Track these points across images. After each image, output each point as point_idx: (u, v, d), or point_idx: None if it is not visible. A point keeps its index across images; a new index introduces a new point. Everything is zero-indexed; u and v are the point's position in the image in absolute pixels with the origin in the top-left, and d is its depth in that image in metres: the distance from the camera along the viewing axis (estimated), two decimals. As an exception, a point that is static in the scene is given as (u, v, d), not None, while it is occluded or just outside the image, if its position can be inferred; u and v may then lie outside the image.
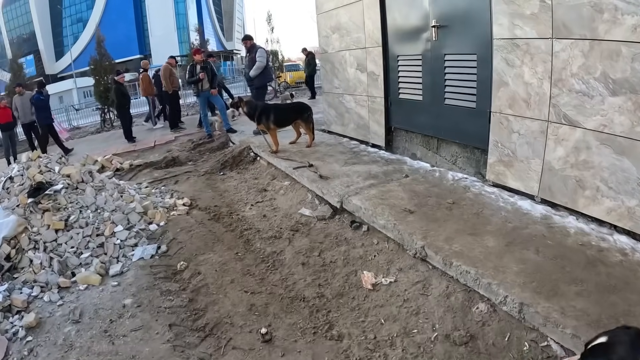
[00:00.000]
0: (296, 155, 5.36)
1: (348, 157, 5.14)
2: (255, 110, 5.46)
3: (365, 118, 5.63)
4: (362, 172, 4.46)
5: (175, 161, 6.87)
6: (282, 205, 4.37)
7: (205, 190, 5.20)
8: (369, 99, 5.44)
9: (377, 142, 5.49)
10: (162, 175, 6.06)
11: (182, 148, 7.75)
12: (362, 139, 5.84)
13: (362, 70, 5.46)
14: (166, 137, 8.90)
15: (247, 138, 6.87)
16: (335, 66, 6.05)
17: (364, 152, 5.33)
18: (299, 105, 5.74)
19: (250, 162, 5.93)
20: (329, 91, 6.40)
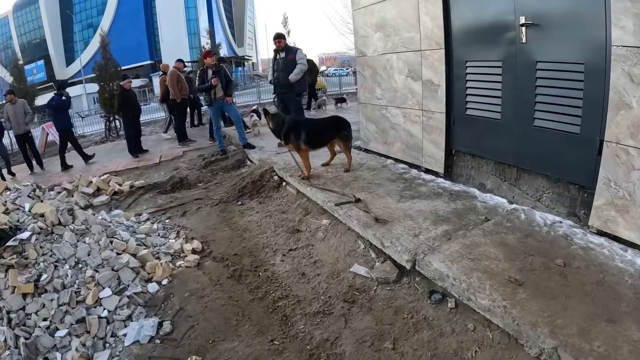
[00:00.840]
0: (334, 183, 4.30)
1: (401, 187, 4.07)
2: (282, 126, 4.41)
3: (417, 137, 4.56)
4: (427, 212, 3.40)
5: (183, 183, 5.84)
6: (324, 256, 3.29)
7: (220, 227, 4.14)
8: (424, 114, 4.37)
9: (433, 167, 4.43)
10: (167, 203, 5.02)
11: (192, 166, 6.73)
12: (411, 161, 4.76)
13: (414, 78, 4.39)
14: (173, 151, 7.88)
15: (269, 156, 5.81)
16: (377, 72, 4.99)
17: (418, 180, 4.25)
18: (337, 121, 4.69)
19: (274, 189, 4.87)
20: (367, 102, 5.34)
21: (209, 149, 7.72)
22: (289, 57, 5.95)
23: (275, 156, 5.76)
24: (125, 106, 8.04)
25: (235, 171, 6.15)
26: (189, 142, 8.42)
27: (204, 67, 6.83)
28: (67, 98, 8.42)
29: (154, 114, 14.74)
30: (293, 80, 5.89)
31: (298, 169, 4.79)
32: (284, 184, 4.87)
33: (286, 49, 6.01)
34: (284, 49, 6.01)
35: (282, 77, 5.98)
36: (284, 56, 5.99)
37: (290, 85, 5.93)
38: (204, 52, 7.04)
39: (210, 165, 6.59)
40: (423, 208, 3.49)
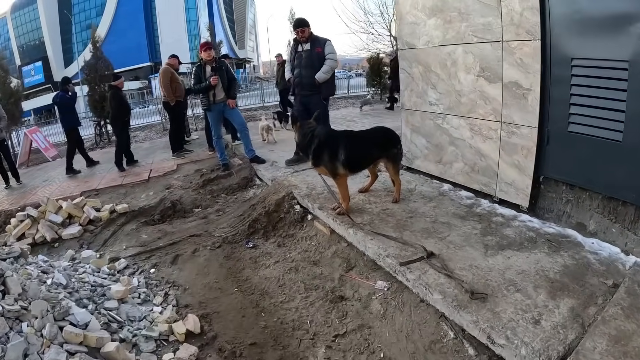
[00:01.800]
0: (384, 222, 3.11)
1: (478, 228, 2.92)
2: (310, 140, 3.17)
3: (490, 157, 3.39)
4: (532, 273, 2.34)
5: (175, 209, 4.63)
6: (392, 351, 2.11)
7: (226, 286, 2.94)
8: (504, 128, 3.22)
9: (511, 198, 3.29)
10: (153, 240, 3.82)
11: (187, 184, 5.51)
12: (478, 188, 3.59)
13: (490, 79, 3.23)
14: (166, 164, 6.66)
15: (284, 175, 4.61)
16: (430, 70, 3.80)
17: (497, 218, 3.11)
18: (384, 133, 3.50)
19: (297, 224, 3.67)
20: (414, 108, 4.14)
21: (208, 161, 6.50)
22: (315, 50, 4.64)
23: (293, 175, 4.56)
24: (121, 110, 6.89)
25: (242, 193, 4.94)
26: (185, 153, 7.20)
27: (200, 62, 5.54)
28: (73, 94, 7.48)
29: (151, 118, 13.48)
30: (321, 79, 4.62)
31: (329, 198, 3.60)
32: (309, 217, 3.66)
33: (312, 40, 4.68)
34: (308, 39, 4.71)
35: (307, 75, 4.67)
36: (309, 48, 4.68)
37: (316, 85, 4.67)
38: (201, 44, 5.65)
39: (210, 183, 5.37)
40: (524, 266, 2.41)
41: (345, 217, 3.19)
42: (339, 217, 3.23)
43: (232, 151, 6.94)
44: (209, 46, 5.51)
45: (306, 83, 4.71)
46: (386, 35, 14.66)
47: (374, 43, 14.84)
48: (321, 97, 4.76)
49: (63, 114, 7.36)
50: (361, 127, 8.08)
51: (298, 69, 4.78)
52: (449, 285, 2.25)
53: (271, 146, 6.58)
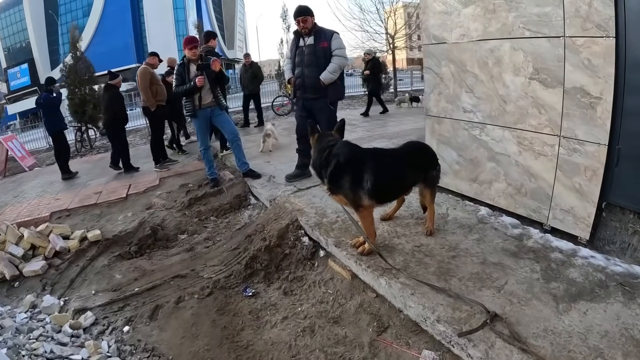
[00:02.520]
0: (422, 264, 2.46)
1: (537, 270, 2.35)
2: (327, 160, 2.42)
3: (542, 177, 2.78)
4: (616, 335, 1.82)
5: (156, 236, 3.90)
6: None
7: (222, 357, 2.24)
8: (564, 143, 2.62)
9: (568, 227, 2.72)
10: (129, 282, 3.10)
11: (171, 202, 4.79)
12: (525, 214, 2.99)
13: (546, 83, 2.62)
14: (147, 177, 5.90)
15: (285, 195, 3.91)
16: (466, 69, 3.16)
17: (555, 254, 2.52)
18: (421, 151, 2.80)
19: (305, 261, 2.98)
20: (443, 115, 3.50)
21: (195, 174, 5.76)
22: (321, 45, 3.91)
23: (296, 196, 3.86)
24: (120, 112, 6.22)
25: (234, 215, 4.24)
26: (169, 164, 6.45)
27: (183, 60, 4.72)
28: (58, 95, 6.83)
29: (137, 121, 12.53)
30: (327, 80, 3.89)
31: (345, 228, 2.94)
32: (322, 253, 2.98)
33: (316, 33, 3.94)
34: (311, 31, 3.95)
35: (310, 74, 3.96)
36: (312, 43, 3.95)
37: (321, 88, 3.95)
38: (185, 40, 4.77)
39: (197, 202, 4.65)
40: (605, 325, 1.88)
41: (372, 259, 2.52)
42: (364, 259, 2.55)
43: (222, 162, 6.21)
44: (195, 43, 4.67)
45: (309, 84, 3.99)
46: (382, 33, 14.05)
47: (370, 41, 14.20)
48: (327, 101, 4.03)
49: (47, 116, 6.65)
50: (363, 131, 7.59)
51: (299, 68, 4.05)
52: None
53: (267, 157, 5.86)
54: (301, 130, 4.28)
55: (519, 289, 2.15)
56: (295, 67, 4.12)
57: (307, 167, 4.43)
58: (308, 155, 4.37)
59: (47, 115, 6.65)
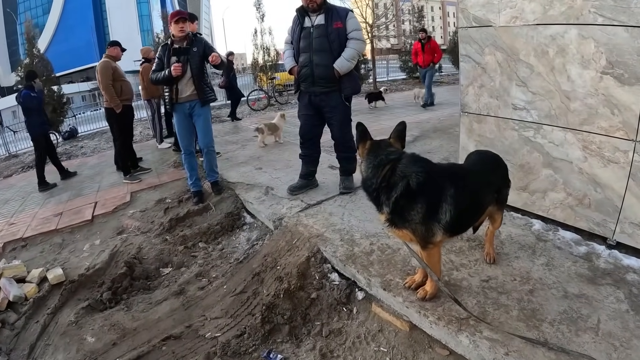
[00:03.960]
0: (495, 303, 1.98)
1: (622, 299, 2.01)
2: (391, 181, 1.77)
3: (611, 187, 2.38)
4: None
5: (133, 274, 3.14)
6: None
7: None
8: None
9: (639, 243, 2.32)
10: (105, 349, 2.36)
11: (147, 224, 4.01)
12: (587, 228, 2.59)
13: (623, 79, 2.17)
14: (116, 193, 5.01)
15: (294, 214, 3.27)
16: (518, 58, 2.64)
17: (630, 275, 2.22)
18: (496, 163, 2.19)
19: (340, 307, 2.36)
20: (485, 112, 2.97)
21: (173, 186, 4.96)
22: (334, 26, 3.19)
23: (307, 214, 3.23)
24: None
25: (228, 239, 3.54)
26: (141, 174, 5.59)
27: (167, 42, 3.91)
28: (39, 92, 5.73)
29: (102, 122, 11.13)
30: (344, 70, 3.21)
31: (386, 259, 2.38)
32: (359, 293, 2.39)
33: (327, 10, 3.23)
34: (321, 7, 3.23)
35: (321, 62, 3.24)
36: (323, 23, 3.22)
37: (335, 79, 3.27)
38: (171, 14, 3.91)
39: (180, 224, 3.90)
40: None
41: (438, 306, 1.97)
42: (428, 307, 2.00)
43: (204, 170, 5.44)
44: (182, 16, 3.81)
45: (320, 75, 3.28)
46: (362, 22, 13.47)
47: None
48: (342, 95, 3.37)
49: (29, 116, 5.63)
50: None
51: (306, 54, 3.32)
52: None
53: (256, 162, 5.14)
54: (307, 132, 3.63)
55: (614, 326, 1.82)
56: (299, 54, 3.37)
57: (313, 176, 3.81)
58: (315, 161, 3.73)
59: (27, 116, 5.66)
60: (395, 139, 1.92)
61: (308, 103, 3.49)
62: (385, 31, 15.90)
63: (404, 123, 1.95)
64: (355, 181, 3.63)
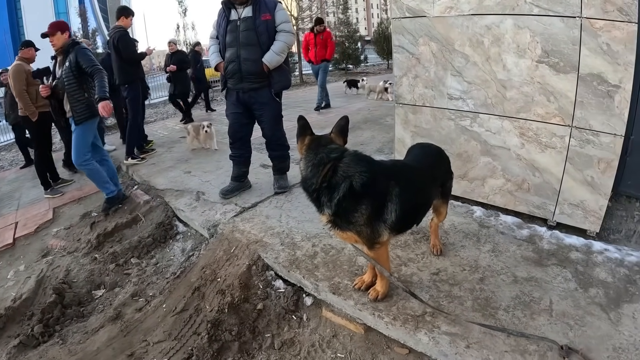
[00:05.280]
0: (448, 295, 1.97)
1: (569, 277, 2.09)
2: (332, 181, 1.63)
3: (549, 172, 2.47)
4: None
5: (64, 301, 2.75)
6: None
7: None
8: (576, 134, 2.35)
9: (578, 222, 2.52)
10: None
11: (74, 243, 3.57)
12: (527, 211, 2.69)
13: (558, 68, 2.28)
14: (37, 209, 4.42)
15: (229, 219, 3.06)
16: (453, 48, 2.66)
17: (573, 253, 2.30)
18: (439, 155, 2.14)
19: (289, 316, 2.20)
20: (420, 102, 2.97)
21: (97, 197, 4.42)
22: (262, 18, 3.01)
23: (242, 218, 3.03)
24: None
25: (162, 252, 3.23)
26: (62, 186, 5.00)
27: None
28: None
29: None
30: (273, 64, 3.06)
31: (331, 262, 2.27)
32: (307, 299, 2.25)
33: (254, 2, 3.03)
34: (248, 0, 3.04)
35: (249, 57, 3.05)
36: (250, 15, 3.02)
37: (264, 74, 3.10)
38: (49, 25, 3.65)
39: (108, 239, 3.51)
40: None
41: (392, 305, 1.89)
42: (382, 308, 1.90)
43: (129, 177, 5.00)
44: (50, 30, 3.59)
45: (248, 70, 3.07)
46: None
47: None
48: (272, 91, 3.19)
49: None
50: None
51: (232, 49, 3.09)
52: None
53: (185, 165, 4.79)
54: (236, 132, 3.41)
55: (567, 306, 1.88)
56: (225, 49, 3.15)
57: (245, 177, 3.61)
58: (246, 162, 3.53)
59: None
60: (336, 134, 1.80)
61: (236, 100, 3.26)
62: (311, 24, 15.94)
63: (346, 117, 1.83)
64: (289, 179, 3.52)
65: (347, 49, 17.93)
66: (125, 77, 5.09)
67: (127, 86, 5.16)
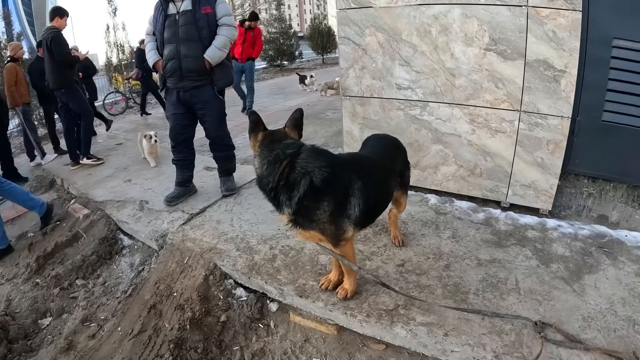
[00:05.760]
0: (418, 286, 1.97)
1: (531, 256, 2.20)
2: (290, 180, 1.54)
3: (500, 156, 2.59)
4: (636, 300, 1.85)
5: (8, 335, 2.42)
6: None
7: None
8: (525, 118, 2.47)
9: (530, 202, 2.70)
10: None
11: (12, 269, 3.17)
12: (481, 195, 2.79)
13: (506, 55, 2.38)
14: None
15: (177, 228, 2.85)
16: (401, 38, 2.66)
17: (530, 232, 2.42)
18: (396, 146, 2.12)
19: (255, 325, 2.09)
20: (367, 94, 2.96)
21: (33, 215, 4.00)
22: (203, 11, 2.81)
23: (192, 226, 2.84)
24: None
25: (107, 268, 2.97)
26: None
27: None
28: None
29: None
30: (215, 59, 2.87)
31: (292, 263, 2.20)
32: (272, 305, 2.15)
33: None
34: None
35: (190, 53, 2.84)
36: (190, 8, 2.82)
37: (206, 71, 2.91)
38: None
39: (49, 261, 3.15)
40: (619, 292, 1.89)
41: (362, 302, 1.86)
42: (353, 306, 1.86)
43: (65, 190, 4.56)
44: None
45: (189, 67, 2.87)
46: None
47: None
48: (215, 89, 3.01)
49: None
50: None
51: (171, 45, 2.88)
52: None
53: (124, 173, 4.43)
54: (178, 134, 3.19)
55: (532, 283, 1.97)
56: (164, 46, 2.92)
57: (190, 182, 3.41)
58: (190, 165, 3.33)
59: None
60: (291, 128, 1.71)
61: (177, 100, 3.04)
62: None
63: (300, 110, 1.75)
64: (236, 180, 3.38)
65: (281, 45, 17.72)
66: (60, 81, 4.62)
67: (63, 90, 4.70)
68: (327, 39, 18.97)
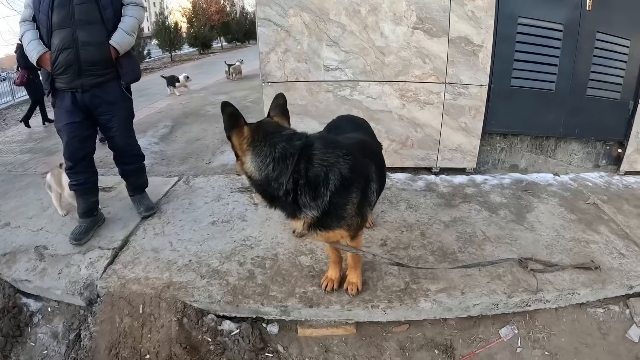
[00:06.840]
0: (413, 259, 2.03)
1: (479, 209, 2.55)
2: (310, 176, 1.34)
3: (430, 125, 2.88)
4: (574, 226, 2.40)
5: None
6: None
7: None
8: (450, 89, 2.77)
9: (457, 163, 3.02)
10: None
11: None
12: (413, 165, 3.07)
13: (432, 33, 2.61)
14: None
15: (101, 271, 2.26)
16: (328, 18, 2.62)
17: (467, 189, 2.80)
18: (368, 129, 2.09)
19: (259, 356, 1.85)
20: (291, 78, 2.82)
21: None
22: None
23: (124, 265, 2.27)
24: None
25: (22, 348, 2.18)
26: None
27: None
28: None
29: None
30: (124, 47, 2.29)
31: (282, 274, 2.04)
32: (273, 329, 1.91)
33: None
34: None
35: (88, 39, 2.18)
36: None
37: (112, 62, 2.30)
38: None
39: None
40: (558, 222, 2.41)
41: (375, 291, 1.84)
42: (370, 299, 1.80)
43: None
44: None
45: (90, 59, 2.21)
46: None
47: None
48: (122, 84, 2.41)
49: None
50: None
51: (64, 31, 2.15)
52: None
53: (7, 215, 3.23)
54: (77, 150, 2.46)
55: (495, 230, 2.30)
56: (51, 33, 2.18)
57: (97, 210, 2.71)
58: (94, 189, 2.65)
59: None
60: (278, 115, 1.49)
61: (72, 106, 2.33)
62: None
63: (283, 95, 1.54)
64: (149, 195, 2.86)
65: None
66: None
67: None
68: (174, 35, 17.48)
